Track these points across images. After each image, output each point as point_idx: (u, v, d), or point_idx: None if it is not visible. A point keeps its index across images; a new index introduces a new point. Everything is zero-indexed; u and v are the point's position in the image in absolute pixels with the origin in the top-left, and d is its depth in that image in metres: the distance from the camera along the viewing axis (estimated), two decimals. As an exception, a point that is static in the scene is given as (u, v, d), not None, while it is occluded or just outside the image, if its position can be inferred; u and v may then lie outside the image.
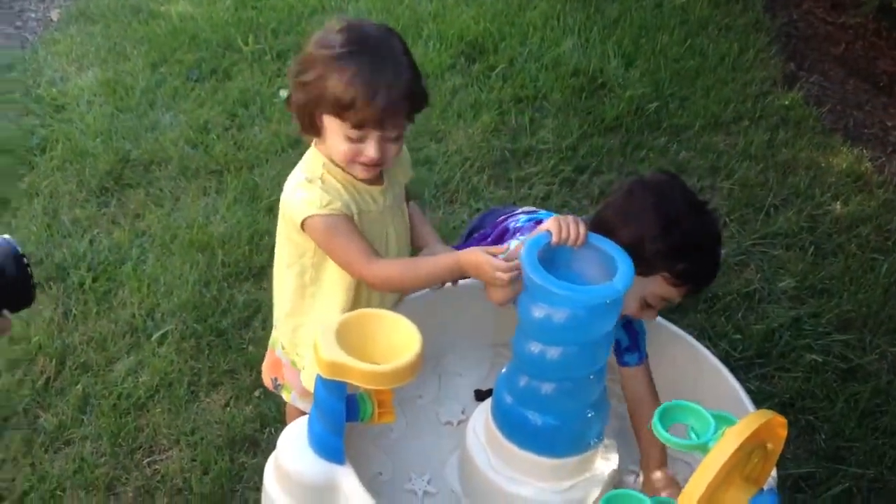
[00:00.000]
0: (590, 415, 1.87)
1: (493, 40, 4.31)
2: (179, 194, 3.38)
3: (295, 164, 2.02)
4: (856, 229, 3.43)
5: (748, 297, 3.11)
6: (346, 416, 1.74)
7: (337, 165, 1.94)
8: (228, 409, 2.66)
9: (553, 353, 1.78)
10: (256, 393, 2.68)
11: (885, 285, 3.19)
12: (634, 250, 1.84)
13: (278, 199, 2.00)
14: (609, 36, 4.41)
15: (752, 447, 1.61)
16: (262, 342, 2.67)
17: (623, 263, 1.76)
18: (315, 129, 1.93)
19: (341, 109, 1.86)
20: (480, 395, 2.13)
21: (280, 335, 2.16)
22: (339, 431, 1.74)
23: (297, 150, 3.51)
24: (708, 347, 2.15)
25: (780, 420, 1.65)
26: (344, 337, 1.67)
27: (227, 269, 3.04)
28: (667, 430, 1.71)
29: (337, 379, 1.65)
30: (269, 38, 4.29)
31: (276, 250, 2.09)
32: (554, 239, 1.79)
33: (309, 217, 1.90)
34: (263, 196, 3.32)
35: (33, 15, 4.59)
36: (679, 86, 4.12)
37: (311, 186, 1.92)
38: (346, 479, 1.74)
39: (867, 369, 2.90)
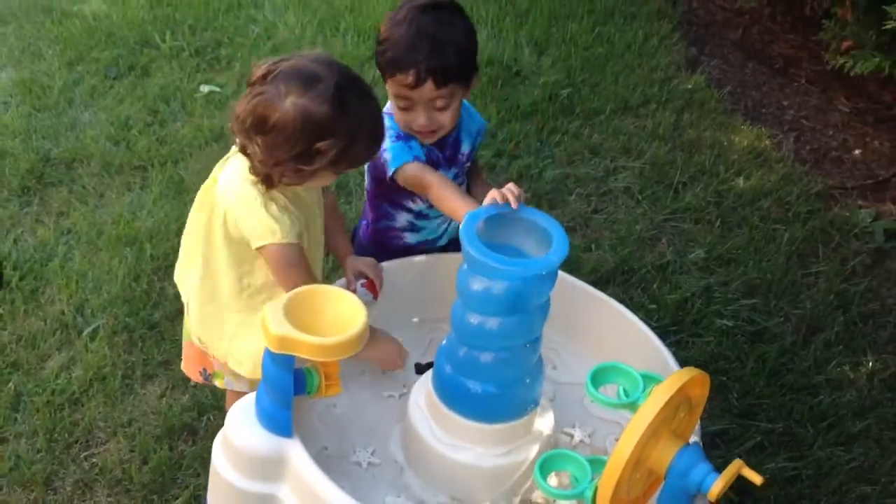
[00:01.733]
0: (527, 381, 1.98)
1: (409, 32, 4.39)
2: (103, 191, 3.39)
3: (219, 157, 2.05)
4: (758, 202, 3.62)
5: (662, 270, 3.27)
6: (293, 390, 1.82)
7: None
8: (164, 399, 2.70)
9: (491, 323, 1.86)
10: (192, 382, 2.72)
11: (786, 253, 3.39)
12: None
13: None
14: (521, 26, 4.54)
15: (678, 403, 1.73)
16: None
17: (558, 236, 1.86)
18: (301, 175, 1.93)
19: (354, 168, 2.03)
20: (420, 369, 2.21)
21: (202, 328, 2.20)
22: (287, 405, 1.81)
23: (220, 143, 3.56)
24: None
25: (703, 376, 1.77)
26: (291, 312, 1.74)
27: (155, 262, 3.07)
28: (598, 391, 1.85)
29: (285, 352, 1.72)
30: (187, 34, 4.31)
31: (207, 251, 2.07)
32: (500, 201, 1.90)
33: (268, 245, 1.95)
34: (189, 189, 3.35)
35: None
36: (590, 72, 4.28)
37: (266, 207, 1.93)
38: (294, 452, 1.82)
39: (773, 331, 3.08)
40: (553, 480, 1.85)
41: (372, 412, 2.18)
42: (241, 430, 1.85)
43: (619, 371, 1.89)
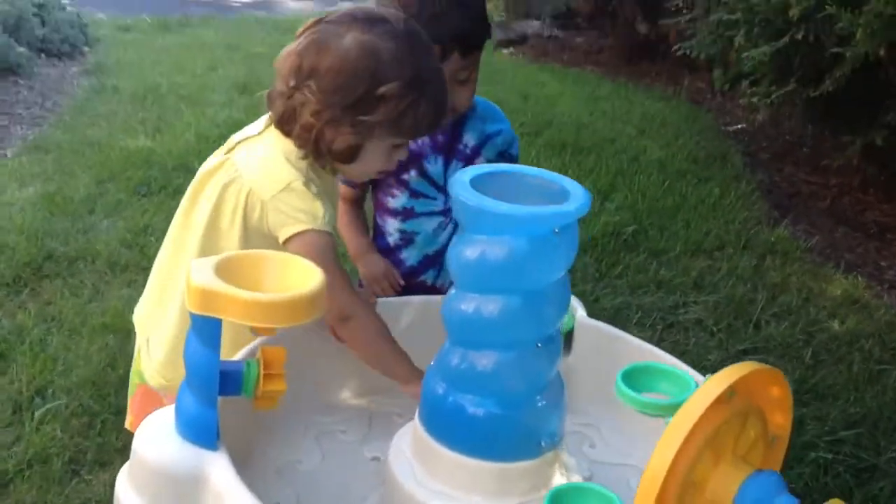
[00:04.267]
0: (540, 403, 1.46)
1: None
2: (102, 287, 3.04)
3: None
4: (857, 343, 3.07)
5: (741, 398, 2.70)
6: (225, 387, 1.35)
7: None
8: (113, 488, 2.19)
9: (491, 307, 1.39)
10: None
11: (894, 390, 2.79)
12: None
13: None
14: (584, 177, 4.23)
15: (743, 411, 1.23)
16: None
17: (575, 190, 1.42)
18: (358, 133, 1.58)
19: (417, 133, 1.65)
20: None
21: (172, 366, 1.74)
22: (210, 400, 1.32)
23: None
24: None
25: (773, 373, 1.26)
26: (225, 272, 1.31)
27: (140, 351, 2.65)
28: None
29: (210, 314, 1.27)
30: (228, 163, 4.11)
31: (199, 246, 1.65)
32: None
33: (308, 232, 1.56)
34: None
35: (-13, 152, 4.41)
36: (658, 217, 3.89)
37: (310, 195, 1.57)
38: (217, 468, 1.31)
39: (883, 469, 2.45)
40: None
41: (346, 473, 1.65)
42: (153, 442, 1.36)
43: (659, 373, 1.39)
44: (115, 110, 4.94)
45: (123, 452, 2.25)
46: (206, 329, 1.29)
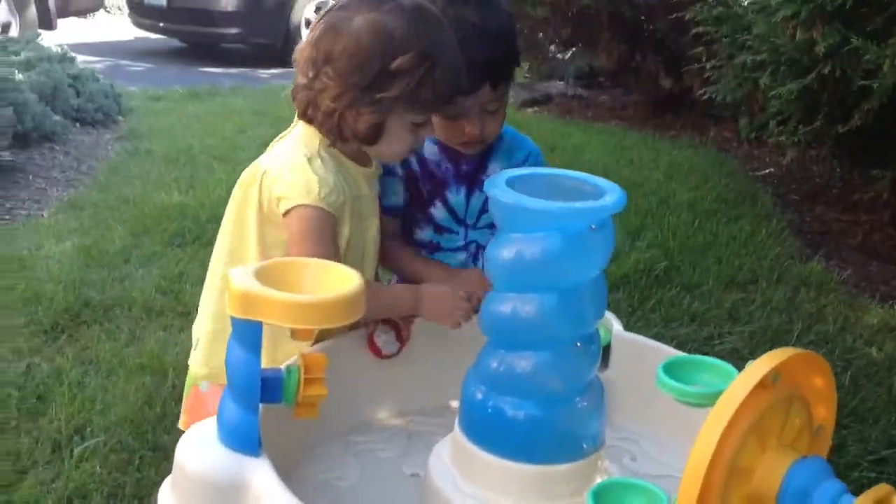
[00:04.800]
0: (581, 405, 1.45)
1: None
2: (139, 332, 3.06)
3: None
4: (896, 368, 3.03)
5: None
6: (266, 394, 1.36)
7: (331, 146, 1.68)
8: (151, 521, 2.18)
9: (528, 307, 1.41)
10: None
11: (944, 412, 2.74)
12: None
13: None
14: (613, 218, 4.22)
15: (787, 397, 1.22)
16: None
17: (611, 188, 1.44)
18: (377, 111, 1.63)
19: (437, 105, 1.68)
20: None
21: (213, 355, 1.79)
22: (252, 405, 1.35)
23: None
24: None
25: (817, 360, 1.25)
26: (265, 279, 1.33)
27: (177, 390, 2.65)
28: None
29: (251, 318, 1.28)
30: (260, 214, 4.16)
31: (235, 240, 1.76)
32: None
33: (299, 206, 1.60)
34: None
35: (24, 213, 4.49)
36: (689, 253, 3.88)
37: (310, 163, 1.62)
38: (259, 474, 1.32)
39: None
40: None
41: (385, 490, 1.66)
42: (195, 451, 1.37)
43: (703, 366, 1.38)
44: (149, 171, 5.04)
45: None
46: (247, 333, 1.31)
